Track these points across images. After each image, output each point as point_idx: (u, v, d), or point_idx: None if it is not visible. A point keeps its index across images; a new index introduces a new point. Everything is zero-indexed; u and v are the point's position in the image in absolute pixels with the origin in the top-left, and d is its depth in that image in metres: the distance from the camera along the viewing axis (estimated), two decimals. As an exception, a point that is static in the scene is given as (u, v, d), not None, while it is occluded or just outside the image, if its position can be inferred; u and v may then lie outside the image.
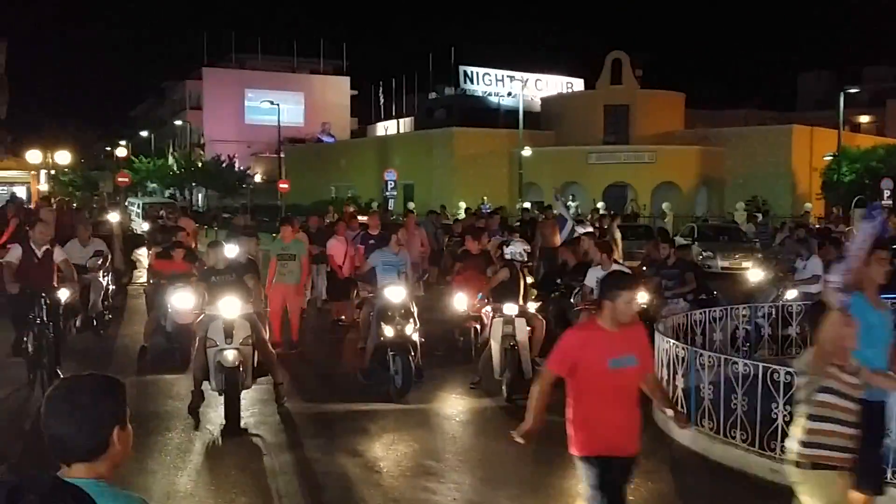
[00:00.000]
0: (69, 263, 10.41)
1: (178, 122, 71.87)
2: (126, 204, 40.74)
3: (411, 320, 9.93)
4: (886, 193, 32.03)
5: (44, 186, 31.68)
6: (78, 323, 12.29)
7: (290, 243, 12.68)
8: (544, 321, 10.44)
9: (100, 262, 12.94)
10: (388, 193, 36.69)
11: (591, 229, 15.09)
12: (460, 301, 11.52)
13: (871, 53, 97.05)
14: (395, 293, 9.96)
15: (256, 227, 20.01)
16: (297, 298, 12.91)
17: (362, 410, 9.26)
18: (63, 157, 31.58)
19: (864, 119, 62.10)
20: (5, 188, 39.87)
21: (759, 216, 32.50)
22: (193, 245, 14.17)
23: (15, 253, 9.91)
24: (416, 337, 9.97)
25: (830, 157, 39.24)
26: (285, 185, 43.05)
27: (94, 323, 12.88)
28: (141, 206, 39.08)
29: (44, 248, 9.98)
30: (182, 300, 11.03)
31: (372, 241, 13.69)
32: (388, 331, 9.67)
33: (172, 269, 11.81)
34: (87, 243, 13.06)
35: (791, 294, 11.96)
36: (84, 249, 12.86)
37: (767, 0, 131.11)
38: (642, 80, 50.69)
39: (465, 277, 11.78)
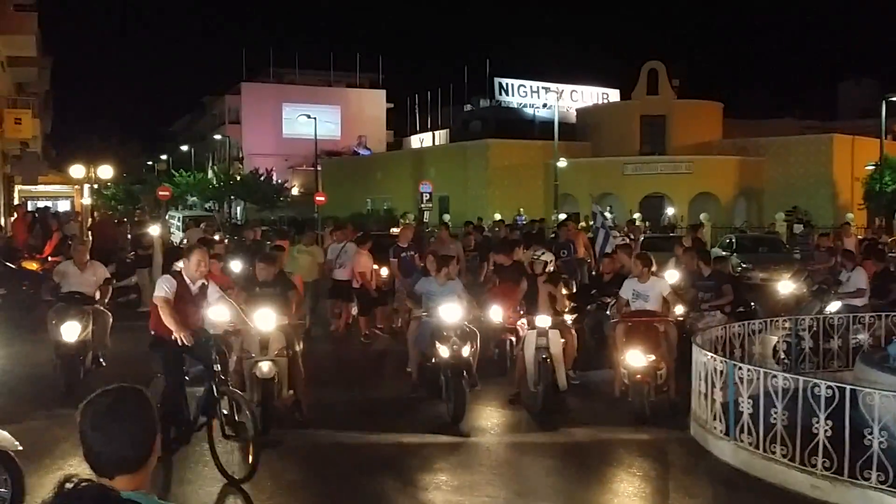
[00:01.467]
0: (226, 300, 8.36)
1: (218, 137, 72.77)
2: (167, 217, 41.29)
3: (469, 341, 9.58)
4: (930, 203, 31.51)
5: (87, 200, 32.18)
6: (89, 362, 10.69)
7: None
8: (576, 333, 10.38)
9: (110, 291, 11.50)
10: (423, 206, 36.78)
11: (624, 241, 14.97)
12: (496, 313, 11.34)
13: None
14: (452, 312, 9.60)
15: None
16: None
17: (395, 423, 9.26)
18: (105, 171, 32.00)
19: (906, 127, 60.99)
20: (51, 202, 40.66)
21: (801, 226, 32.08)
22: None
23: (167, 285, 7.64)
24: (473, 359, 9.69)
25: (872, 167, 38.67)
26: (322, 198, 43.33)
27: (102, 362, 10.88)
28: (181, 219, 39.55)
29: (199, 282, 8.00)
30: (216, 313, 11.00)
31: (403, 254, 13.69)
32: (444, 351, 9.25)
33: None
34: (85, 269, 10.82)
35: (834, 306, 11.74)
36: (83, 275, 10.72)
37: (807, 8, 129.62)
38: (679, 90, 50.43)
39: (499, 290, 11.69)
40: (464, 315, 9.74)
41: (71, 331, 10.05)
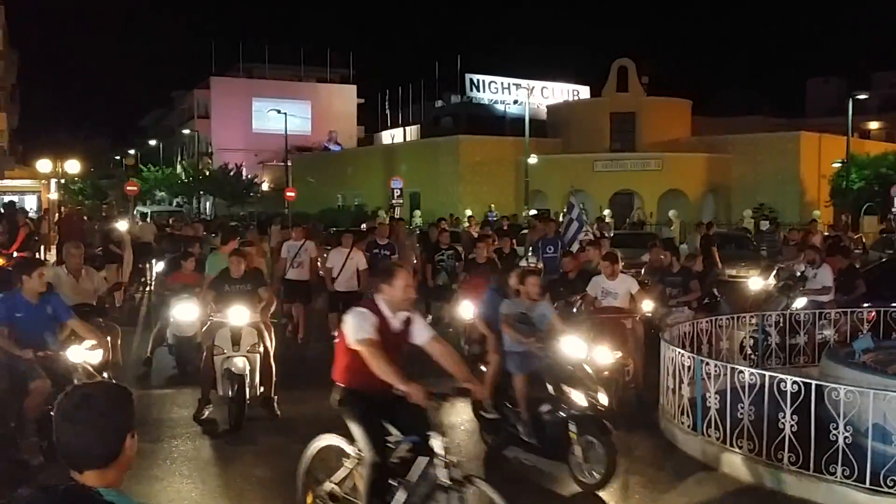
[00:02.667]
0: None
1: (187, 131, 72.09)
2: (135, 213, 40.89)
3: (595, 386, 7.58)
4: (896, 200, 31.95)
5: (54, 196, 31.84)
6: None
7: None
8: None
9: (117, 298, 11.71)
10: (394, 201, 36.74)
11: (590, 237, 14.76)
12: (466, 309, 11.30)
13: (880, 59, 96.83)
14: (575, 346, 7.66)
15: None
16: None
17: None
18: (73, 166, 31.63)
19: (874, 125, 61.94)
20: (17, 197, 40.11)
21: (768, 223, 32.42)
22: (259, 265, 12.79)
23: (369, 323, 5.52)
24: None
25: (839, 164, 39.16)
26: (292, 194, 43.11)
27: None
28: (149, 214, 39.15)
29: (402, 315, 5.75)
30: (184, 312, 10.78)
31: (377, 251, 13.38)
32: (579, 398, 7.22)
33: (182, 281, 11.44)
34: (81, 277, 9.30)
35: (800, 303, 11.90)
36: (79, 284, 9.23)
37: (775, 6, 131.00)
38: (649, 87, 50.73)
39: (471, 285, 11.68)
40: (584, 349, 7.86)
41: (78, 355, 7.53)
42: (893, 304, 11.30)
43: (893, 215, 31.56)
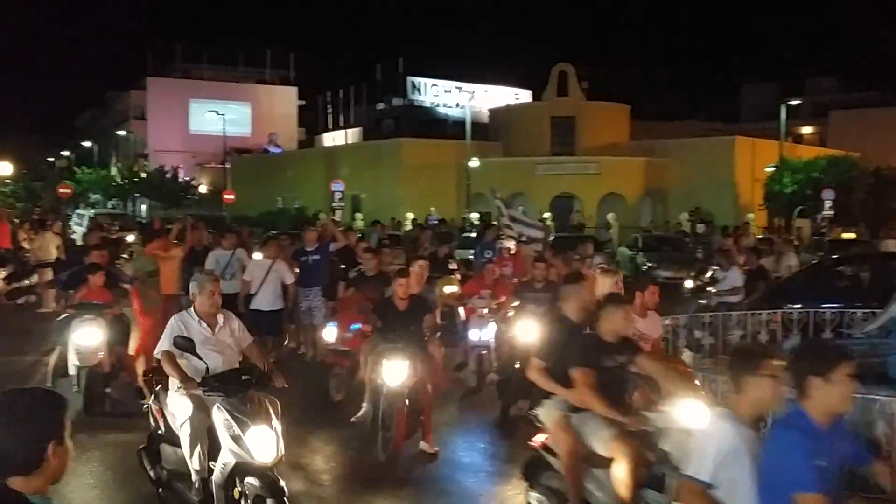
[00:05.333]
0: None
1: (122, 133, 70.78)
2: (74, 215, 39.93)
3: None
4: (827, 204, 32.83)
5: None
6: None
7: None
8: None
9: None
10: (335, 205, 36.50)
11: (512, 243, 14.34)
12: (329, 333, 9.96)
13: (813, 65, 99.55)
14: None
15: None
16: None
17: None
18: (4, 168, 30.95)
19: (807, 130, 63.43)
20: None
21: (703, 226, 33.02)
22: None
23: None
24: None
25: (772, 169, 40.07)
26: (231, 196, 42.63)
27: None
28: (91, 217, 38.09)
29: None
30: (87, 336, 9.17)
31: (304, 258, 12.08)
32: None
33: (87, 298, 9.68)
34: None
35: (712, 303, 12.26)
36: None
37: (711, 13, 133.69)
38: (588, 92, 51.31)
39: (351, 303, 10.28)
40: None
41: None
42: (824, 306, 11.59)
43: (821, 218, 32.43)
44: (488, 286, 10.95)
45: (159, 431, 6.43)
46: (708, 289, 12.68)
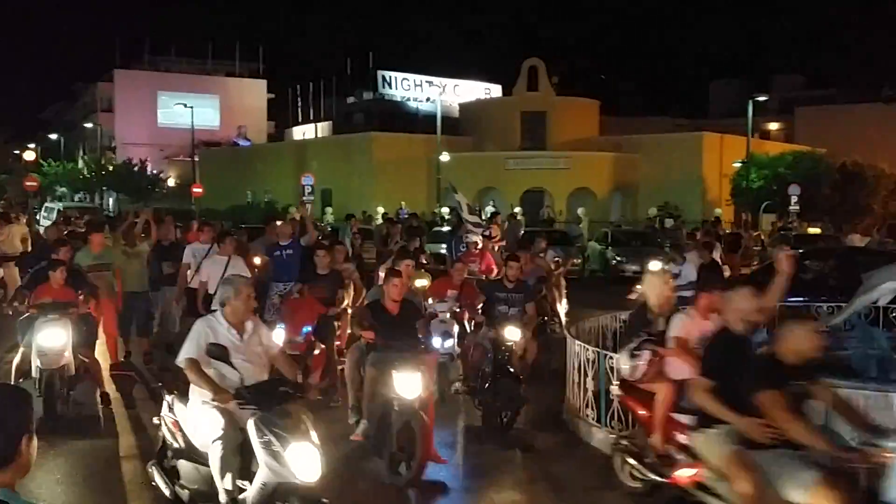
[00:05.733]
0: None
1: (89, 125, 69.92)
2: (42, 209, 39.37)
3: None
4: (794, 199, 33.22)
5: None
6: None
7: (100, 253, 10.97)
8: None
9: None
10: (305, 198, 36.29)
11: (478, 238, 13.80)
12: (278, 335, 8.76)
13: (780, 62, 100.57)
14: None
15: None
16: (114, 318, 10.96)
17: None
18: (-32, 160, 30.35)
19: (774, 126, 64.06)
20: None
21: (672, 221, 33.25)
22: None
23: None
24: None
25: (739, 164, 40.47)
26: (199, 190, 42.25)
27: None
28: (61, 210, 37.52)
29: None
30: (50, 338, 8.59)
31: (278, 252, 11.55)
32: None
33: (50, 297, 9.05)
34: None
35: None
36: None
37: (679, 10, 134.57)
38: (558, 87, 51.46)
39: (301, 305, 9.65)
40: None
41: None
42: (790, 300, 11.72)
43: (791, 213, 32.79)
44: (455, 286, 10.26)
45: (175, 445, 5.85)
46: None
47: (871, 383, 6.86)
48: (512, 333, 8.89)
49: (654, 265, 11.13)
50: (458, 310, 9.94)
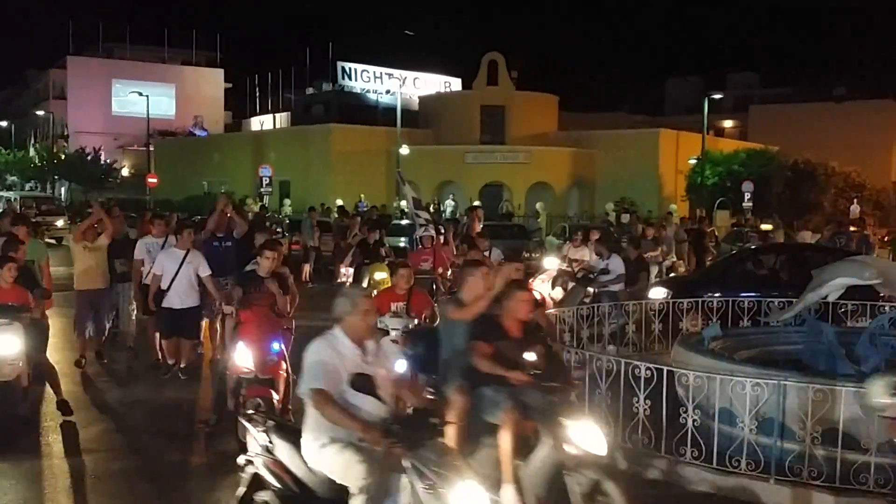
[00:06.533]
0: None
1: (41, 113, 68.65)
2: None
3: None
4: (747, 196, 33.79)
5: None
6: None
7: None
8: None
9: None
10: (263, 190, 36.04)
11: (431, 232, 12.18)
12: (243, 356, 7.52)
13: (735, 60, 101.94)
14: None
15: None
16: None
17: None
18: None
19: (728, 124, 64.98)
20: None
21: (628, 216, 33.61)
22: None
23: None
24: None
25: (694, 161, 41.01)
26: (154, 180, 41.78)
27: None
28: (16, 200, 36.67)
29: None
30: (1, 345, 7.61)
31: (217, 244, 10.89)
32: None
33: None
34: None
35: (659, 292, 12.63)
36: None
37: (637, 6, 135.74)
38: (518, 81, 51.64)
39: (251, 318, 7.95)
40: None
41: None
42: (742, 295, 11.96)
43: (746, 210, 33.31)
44: (400, 297, 8.61)
45: (279, 492, 4.82)
46: (589, 276, 13.11)
47: (819, 378, 7.02)
48: None
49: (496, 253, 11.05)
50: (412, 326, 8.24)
